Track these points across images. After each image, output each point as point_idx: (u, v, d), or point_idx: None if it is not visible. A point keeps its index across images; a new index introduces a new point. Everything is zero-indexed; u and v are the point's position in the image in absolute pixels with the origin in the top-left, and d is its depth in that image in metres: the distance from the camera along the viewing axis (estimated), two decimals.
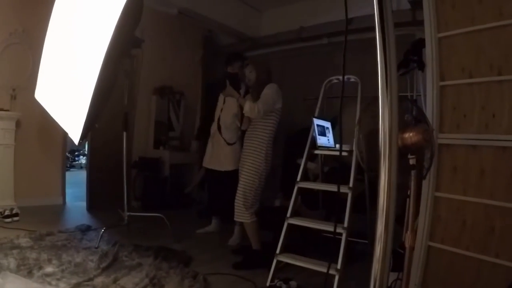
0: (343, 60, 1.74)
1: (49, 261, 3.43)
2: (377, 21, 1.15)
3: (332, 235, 3.08)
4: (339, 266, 2.99)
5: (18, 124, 5.43)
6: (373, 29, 1.07)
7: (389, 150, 1.27)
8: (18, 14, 5.43)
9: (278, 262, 3.36)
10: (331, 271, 2.94)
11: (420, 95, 3.34)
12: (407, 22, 4.57)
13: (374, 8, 1.06)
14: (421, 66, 3.09)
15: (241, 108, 3.97)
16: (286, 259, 3.34)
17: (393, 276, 2.97)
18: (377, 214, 1.21)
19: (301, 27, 6.21)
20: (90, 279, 3.09)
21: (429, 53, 2.78)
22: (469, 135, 2.62)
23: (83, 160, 12.16)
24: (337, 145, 3.68)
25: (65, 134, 5.89)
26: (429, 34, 2.77)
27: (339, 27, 5.37)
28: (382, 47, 1.19)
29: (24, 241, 3.92)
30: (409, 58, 3.26)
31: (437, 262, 2.75)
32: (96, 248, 3.92)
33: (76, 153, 12.27)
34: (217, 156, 4.61)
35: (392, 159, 1.27)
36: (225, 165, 4.50)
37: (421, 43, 3.01)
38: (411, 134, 2.08)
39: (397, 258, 2.67)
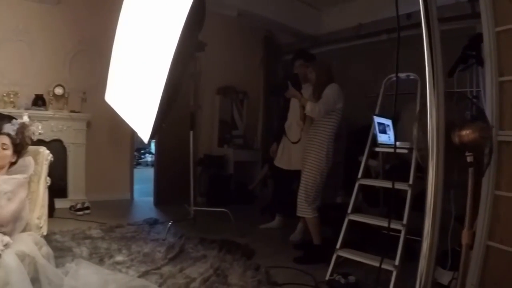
0: (396, 58, 1.78)
1: (119, 250, 3.69)
2: (423, 19, 1.18)
3: (392, 232, 3.10)
4: (397, 263, 2.99)
5: (88, 124, 5.85)
6: None
7: (437, 148, 1.30)
8: (85, 23, 5.85)
9: (338, 257, 3.40)
10: (389, 267, 2.97)
11: (480, 90, 3.26)
12: (466, 15, 4.44)
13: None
14: (480, 61, 3.01)
15: (303, 108, 4.05)
16: (345, 254, 3.38)
17: (451, 275, 2.94)
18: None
19: (360, 24, 6.18)
20: (158, 268, 3.29)
21: (487, 48, 2.67)
22: None
23: (149, 158, 12.63)
24: (398, 143, 3.67)
25: (132, 133, 6.25)
26: (486, 28, 2.66)
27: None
28: (428, 46, 1.23)
29: (95, 232, 4.22)
30: (468, 54, 3.19)
31: (495, 263, 2.66)
32: (164, 240, 4.14)
33: (142, 151, 12.73)
34: (287, 155, 4.72)
35: (439, 157, 1.31)
36: (292, 165, 4.59)
37: (479, 37, 2.92)
38: (468, 132, 2.06)
39: (457, 258, 2.64)
